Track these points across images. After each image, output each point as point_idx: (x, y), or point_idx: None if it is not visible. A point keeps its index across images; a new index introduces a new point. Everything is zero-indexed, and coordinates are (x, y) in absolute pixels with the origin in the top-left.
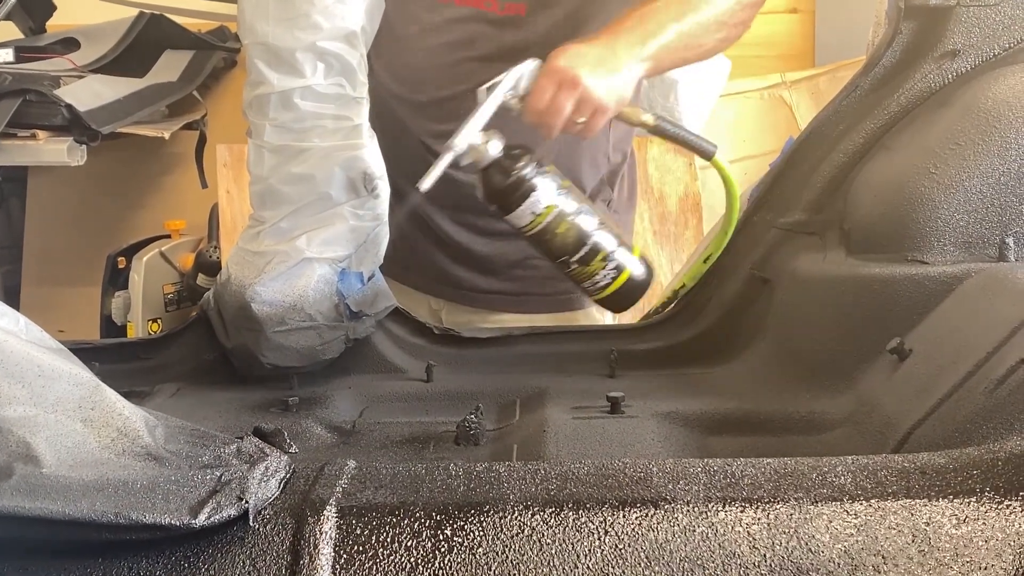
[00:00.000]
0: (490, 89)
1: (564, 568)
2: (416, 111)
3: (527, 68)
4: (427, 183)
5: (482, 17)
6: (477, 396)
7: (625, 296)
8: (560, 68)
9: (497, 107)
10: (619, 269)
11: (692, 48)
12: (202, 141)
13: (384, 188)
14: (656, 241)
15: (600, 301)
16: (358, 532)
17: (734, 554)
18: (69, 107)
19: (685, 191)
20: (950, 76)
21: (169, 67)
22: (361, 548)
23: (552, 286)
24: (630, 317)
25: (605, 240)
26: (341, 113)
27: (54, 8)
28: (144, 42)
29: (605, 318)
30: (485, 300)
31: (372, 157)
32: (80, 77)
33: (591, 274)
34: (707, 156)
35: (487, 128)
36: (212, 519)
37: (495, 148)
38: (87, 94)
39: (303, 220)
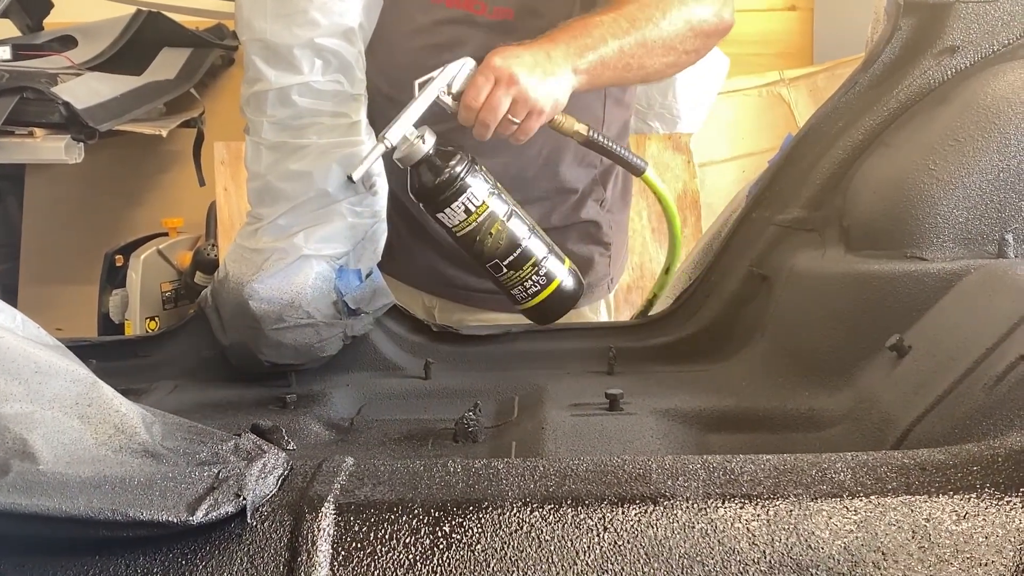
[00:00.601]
0: (424, 85)
1: (563, 564)
2: None
3: (463, 65)
4: (357, 174)
5: (471, 20)
6: (475, 393)
7: (552, 307)
8: (497, 66)
9: (431, 103)
10: (549, 277)
11: (633, 69)
12: (200, 139)
13: (382, 185)
14: (655, 239)
15: (526, 311)
16: (356, 529)
17: (734, 550)
18: (67, 105)
19: (684, 188)
20: (949, 72)
21: (167, 65)
22: (359, 545)
23: None
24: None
25: (536, 247)
26: (339, 110)
27: (51, 6)
28: (141, 40)
29: (598, 316)
30: (478, 299)
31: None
32: (78, 75)
33: (521, 280)
34: (637, 172)
35: (420, 123)
36: (209, 516)
37: (428, 143)
38: (85, 92)
39: (301, 217)
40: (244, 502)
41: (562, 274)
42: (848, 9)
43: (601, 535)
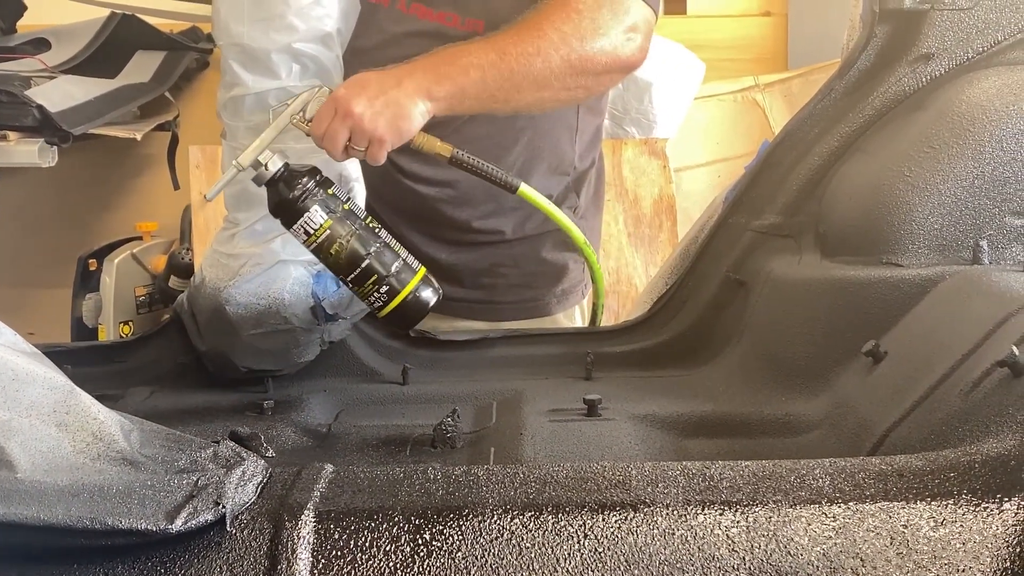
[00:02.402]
0: (277, 112)
1: (543, 572)
2: None
3: (314, 94)
4: (211, 194)
5: (443, 32)
6: (454, 399)
7: (401, 317)
8: (338, 97)
9: (284, 128)
10: (391, 293)
11: (499, 100)
12: (174, 142)
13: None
14: (631, 244)
15: (382, 320)
16: (336, 537)
17: (713, 557)
18: (40, 108)
19: (660, 193)
20: (924, 79)
21: (141, 68)
22: (339, 553)
23: (518, 293)
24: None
25: (379, 264)
26: None
27: (25, 8)
28: (116, 43)
29: (573, 322)
30: (452, 308)
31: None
32: (51, 78)
33: (366, 295)
34: (511, 190)
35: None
36: (189, 524)
37: (275, 166)
38: (58, 95)
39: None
40: (223, 510)
41: (409, 288)
42: (822, 15)
43: (581, 542)
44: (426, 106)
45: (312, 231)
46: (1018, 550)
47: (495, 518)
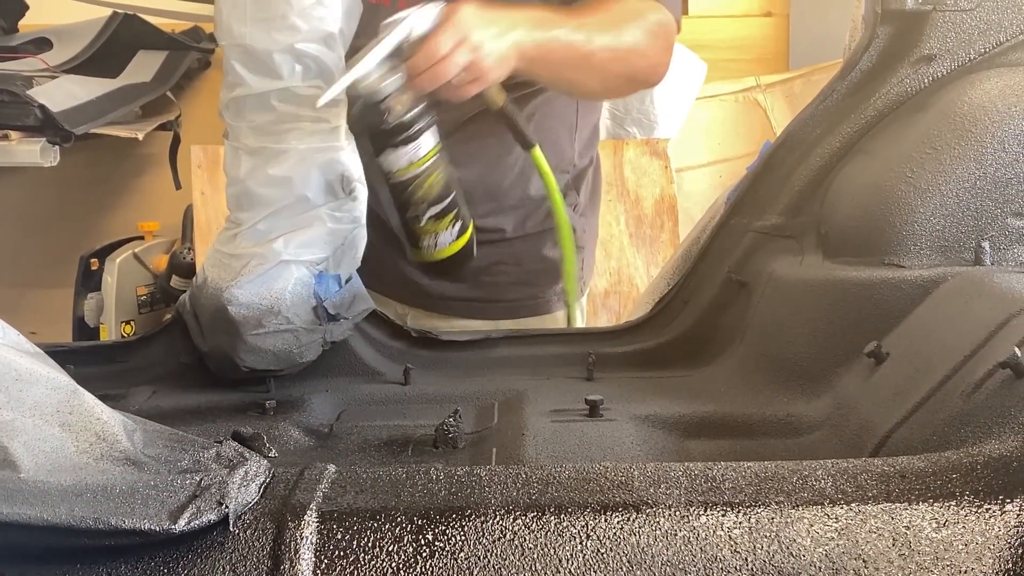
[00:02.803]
0: (390, 25)
1: (546, 573)
2: None
3: (431, 12)
4: (324, 100)
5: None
6: (455, 399)
7: (460, 261)
8: (467, 25)
9: (398, 43)
10: (463, 231)
11: (562, 81)
12: (176, 142)
13: (362, 191)
14: (632, 244)
15: (434, 263)
16: (339, 537)
17: (716, 558)
18: (42, 107)
19: (661, 194)
20: (926, 80)
21: (143, 67)
22: (342, 553)
23: (519, 291)
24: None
25: (460, 201)
26: (319, 115)
27: (26, 8)
28: (117, 42)
29: (575, 322)
30: (453, 308)
31: (350, 159)
32: (53, 77)
33: (437, 231)
34: (527, 147)
35: (389, 66)
36: (192, 524)
37: (395, 82)
38: (60, 94)
39: (280, 222)
40: (226, 510)
41: (471, 229)
42: (824, 15)
43: (584, 543)
44: (515, 63)
45: (417, 159)
46: (1020, 551)
47: (497, 519)
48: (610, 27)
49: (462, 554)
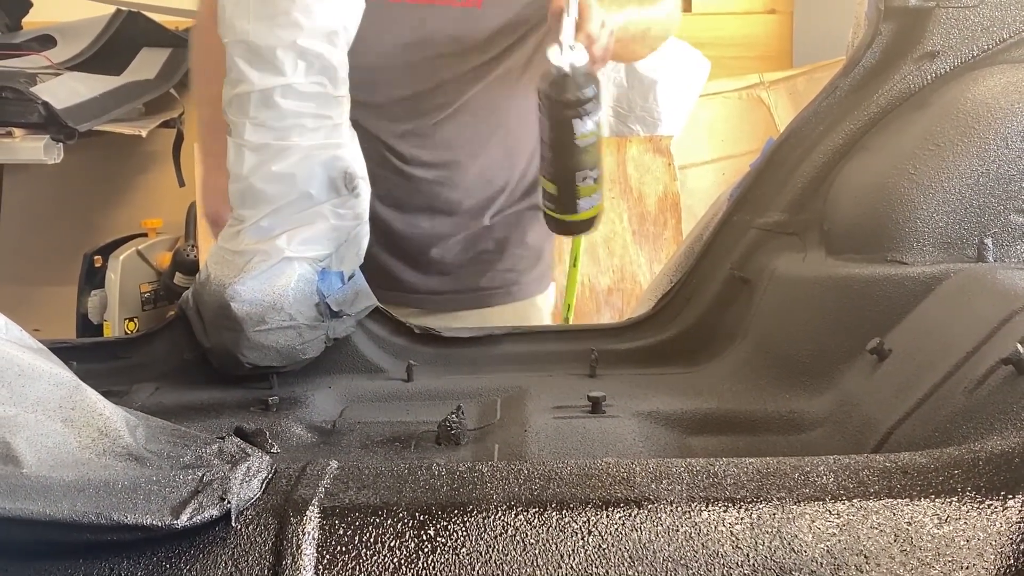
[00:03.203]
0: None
1: (547, 568)
2: (374, 113)
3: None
4: (561, 58)
5: (438, 13)
6: (458, 396)
7: (592, 223)
8: (599, 13)
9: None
10: (600, 196)
11: (627, 50)
12: (179, 139)
13: (365, 187)
14: (635, 241)
15: (571, 222)
16: (341, 532)
17: (717, 554)
18: (46, 105)
19: (664, 191)
20: (929, 77)
21: (146, 65)
22: (344, 549)
23: (503, 279)
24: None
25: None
26: (322, 112)
27: (30, 5)
28: (121, 39)
29: (548, 303)
30: (439, 303)
31: (353, 156)
32: (57, 75)
33: (589, 193)
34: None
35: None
36: (194, 520)
37: (584, 56)
38: (64, 92)
39: (284, 219)
40: (229, 505)
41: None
42: (827, 12)
43: (585, 538)
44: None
45: (596, 125)
46: (1022, 547)
47: (499, 514)
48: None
49: (464, 549)
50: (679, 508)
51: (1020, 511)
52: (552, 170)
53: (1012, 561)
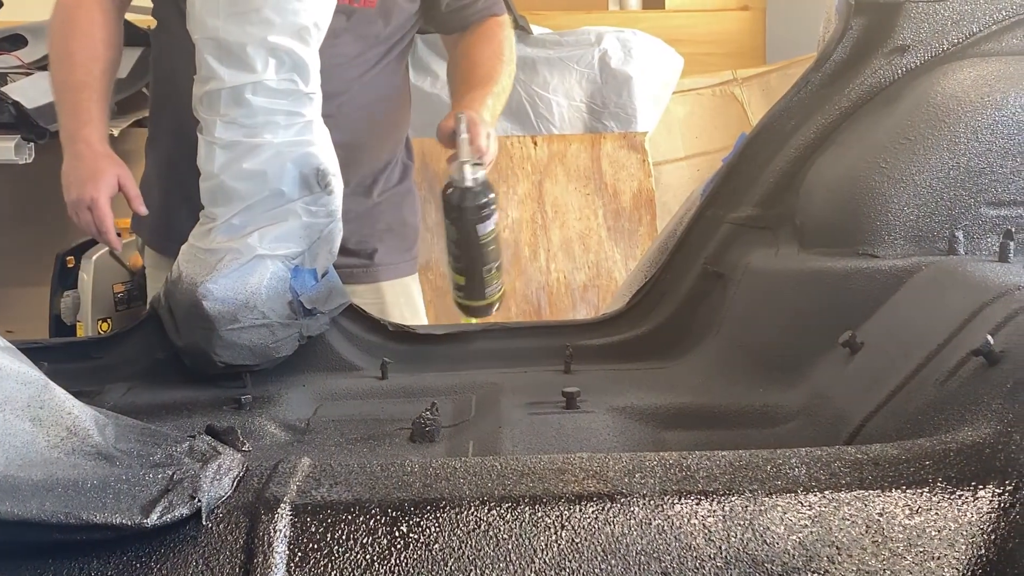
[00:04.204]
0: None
1: (521, 563)
2: None
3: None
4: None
5: (341, 10)
6: (433, 393)
7: (491, 308)
8: (486, 125)
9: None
10: (501, 282)
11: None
12: None
13: (337, 184)
14: (610, 237)
15: (479, 307)
16: (313, 530)
17: (690, 546)
18: (16, 104)
19: (639, 187)
20: (900, 71)
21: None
22: (316, 546)
23: (392, 256)
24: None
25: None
26: (293, 109)
27: (0, 5)
28: None
29: (418, 285)
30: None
31: (325, 153)
32: (28, 74)
33: (492, 281)
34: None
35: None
36: (164, 518)
37: (481, 168)
38: (35, 91)
39: (255, 217)
40: (199, 504)
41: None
42: (800, 9)
43: (558, 533)
44: None
45: (495, 222)
46: (992, 537)
47: (472, 510)
48: (506, 77)
49: (436, 546)
50: (652, 501)
51: (990, 501)
52: (460, 265)
53: (983, 551)
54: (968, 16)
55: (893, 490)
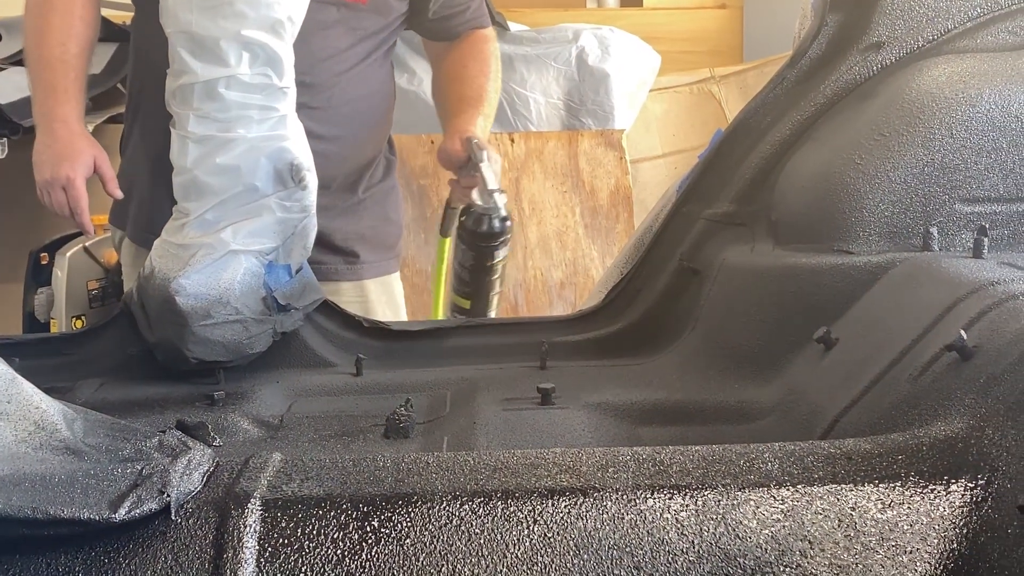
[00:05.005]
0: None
1: (492, 557)
2: None
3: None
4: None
5: (332, 3)
6: (407, 389)
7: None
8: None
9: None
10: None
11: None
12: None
13: (312, 180)
14: (587, 235)
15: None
16: (283, 525)
17: (663, 541)
18: None
19: (616, 185)
20: (875, 68)
21: (92, 59)
22: (286, 541)
23: (376, 253)
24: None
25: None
26: (267, 103)
27: None
28: None
29: (399, 284)
30: (321, 272)
31: (299, 148)
32: (1, 69)
33: (494, 306)
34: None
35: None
36: (132, 513)
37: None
38: (8, 87)
39: (229, 212)
40: (168, 499)
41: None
42: (777, 7)
43: (531, 527)
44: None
45: (506, 253)
46: (964, 531)
47: (444, 504)
48: (494, 94)
49: (408, 540)
50: (625, 496)
51: (963, 495)
52: (468, 290)
53: (955, 545)
54: (943, 13)
55: (866, 484)
